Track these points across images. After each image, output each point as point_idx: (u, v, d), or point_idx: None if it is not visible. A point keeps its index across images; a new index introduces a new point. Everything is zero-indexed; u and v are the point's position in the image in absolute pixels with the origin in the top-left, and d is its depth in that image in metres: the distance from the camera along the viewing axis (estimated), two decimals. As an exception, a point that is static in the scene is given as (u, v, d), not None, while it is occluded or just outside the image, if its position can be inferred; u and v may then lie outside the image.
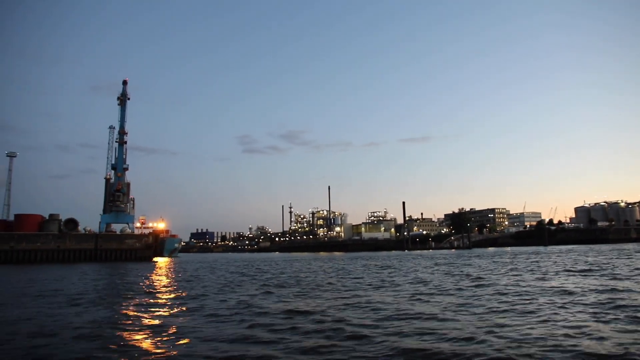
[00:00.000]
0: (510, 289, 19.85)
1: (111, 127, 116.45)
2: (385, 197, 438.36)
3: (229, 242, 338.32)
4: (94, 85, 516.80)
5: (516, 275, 28.26)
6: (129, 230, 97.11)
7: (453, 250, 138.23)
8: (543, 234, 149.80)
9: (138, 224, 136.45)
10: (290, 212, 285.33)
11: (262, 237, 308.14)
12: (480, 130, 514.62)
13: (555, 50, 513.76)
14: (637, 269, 30.10)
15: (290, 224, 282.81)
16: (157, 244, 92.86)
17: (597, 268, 32.03)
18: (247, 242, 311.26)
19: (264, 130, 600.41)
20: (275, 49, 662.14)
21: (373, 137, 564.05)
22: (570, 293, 17.63)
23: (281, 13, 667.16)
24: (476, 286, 21.73)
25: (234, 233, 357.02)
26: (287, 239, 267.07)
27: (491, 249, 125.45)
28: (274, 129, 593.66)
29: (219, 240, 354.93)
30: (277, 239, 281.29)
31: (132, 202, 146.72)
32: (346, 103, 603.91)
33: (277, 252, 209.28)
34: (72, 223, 78.83)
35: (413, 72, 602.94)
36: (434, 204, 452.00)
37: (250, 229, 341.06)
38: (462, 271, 33.41)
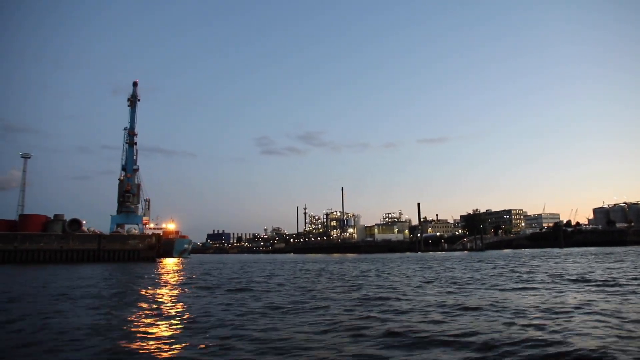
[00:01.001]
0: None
1: (126, 129, 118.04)
2: (403, 198, 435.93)
3: (244, 243, 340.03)
4: (115, 88, 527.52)
5: (474, 285, 27.27)
6: (134, 231, 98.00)
7: (465, 252, 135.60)
8: (559, 235, 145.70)
9: (150, 225, 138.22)
10: (305, 214, 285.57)
11: (277, 239, 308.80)
12: (500, 132, 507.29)
13: (576, 59, 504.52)
14: (604, 279, 28.62)
15: (305, 225, 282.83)
16: (161, 245, 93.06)
17: (574, 274, 30.81)
18: (262, 243, 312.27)
19: (282, 132, 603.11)
20: (294, 50, 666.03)
21: (391, 138, 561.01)
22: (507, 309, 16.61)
23: (300, 14, 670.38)
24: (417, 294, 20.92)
25: (249, 234, 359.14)
26: (301, 240, 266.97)
27: (507, 251, 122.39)
28: (292, 130, 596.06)
29: (234, 242, 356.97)
30: (291, 240, 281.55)
31: (147, 203, 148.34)
32: (364, 104, 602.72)
33: (291, 254, 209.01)
34: (76, 223, 79.82)
35: (432, 75, 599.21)
36: (453, 206, 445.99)
37: (265, 230, 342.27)
38: (435, 277, 32.56)
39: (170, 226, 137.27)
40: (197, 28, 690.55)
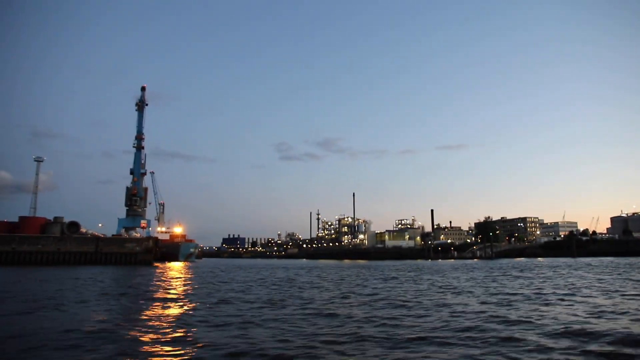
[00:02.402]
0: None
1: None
2: (419, 205, 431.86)
3: (259, 248, 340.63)
4: (135, 95, 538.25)
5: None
6: (135, 234, 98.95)
7: (475, 260, 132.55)
8: (572, 244, 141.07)
9: (159, 228, 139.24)
10: (318, 219, 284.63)
11: (290, 244, 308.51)
12: (522, 141, 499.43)
13: (599, 72, 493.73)
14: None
15: (318, 231, 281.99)
16: (159, 248, 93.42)
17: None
18: (275, 248, 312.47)
19: (301, 138, 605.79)
20: (314, 58, 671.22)
21: (408, 145, 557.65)
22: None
23: (321, 22, 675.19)
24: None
25: (264, 239, 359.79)
26: (314, 245, 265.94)
27: (518, 260, 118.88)
28: (311, 136, 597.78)
29: (249, 246, 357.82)
30: (304, 245, 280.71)
31: (162, 207, 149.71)
32: (383, 111, 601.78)
33: (304, 259, 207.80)
34: (74, 226, 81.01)
35: (452, 83, 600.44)
36: (471, 214, 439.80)
37: (279, 235, 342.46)
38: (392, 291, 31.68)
39: (177, 230, 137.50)
40: (218, 35, 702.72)
